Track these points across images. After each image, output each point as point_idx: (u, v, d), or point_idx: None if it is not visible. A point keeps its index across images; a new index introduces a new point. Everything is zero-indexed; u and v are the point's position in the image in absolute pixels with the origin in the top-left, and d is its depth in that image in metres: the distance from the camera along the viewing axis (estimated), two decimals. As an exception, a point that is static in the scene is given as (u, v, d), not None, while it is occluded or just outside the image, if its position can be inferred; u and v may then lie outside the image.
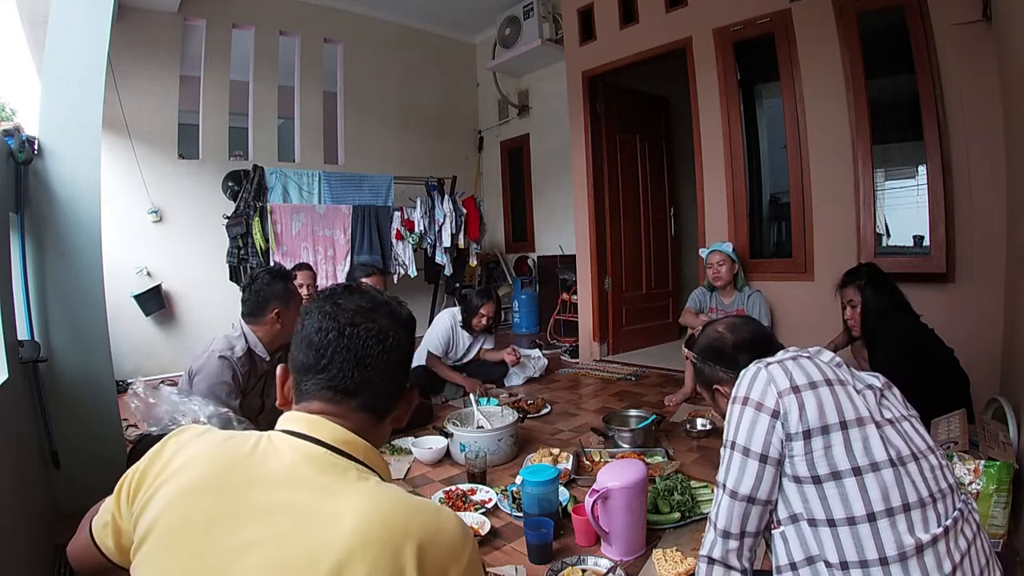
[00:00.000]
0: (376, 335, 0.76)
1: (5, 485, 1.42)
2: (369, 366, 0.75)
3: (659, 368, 4.11)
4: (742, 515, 0.96)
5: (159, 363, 4.43)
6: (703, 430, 2.60)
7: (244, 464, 0.67)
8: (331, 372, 0.74)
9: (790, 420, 0.93)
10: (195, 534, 0.63)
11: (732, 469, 0.97)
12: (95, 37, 2.07)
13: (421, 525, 0.63)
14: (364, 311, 0.78)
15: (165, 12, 4.52)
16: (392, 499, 0.65)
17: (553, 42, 5.22)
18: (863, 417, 0.93)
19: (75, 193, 2.05)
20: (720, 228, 3.74)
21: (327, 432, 0.71)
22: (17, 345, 1.74)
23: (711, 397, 1.24)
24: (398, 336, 0.79)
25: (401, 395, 0.82)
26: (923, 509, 0.88)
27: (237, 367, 1.90)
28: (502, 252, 6.57)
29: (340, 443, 0.70)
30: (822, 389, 0.95)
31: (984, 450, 1.66)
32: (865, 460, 0.89)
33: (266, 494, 0.64)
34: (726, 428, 1.02)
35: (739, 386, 1.02)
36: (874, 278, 2.34)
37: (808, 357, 1.03)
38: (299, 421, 0.72)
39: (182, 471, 0.68)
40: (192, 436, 0.73)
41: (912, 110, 2.82)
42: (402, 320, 0.81)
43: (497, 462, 2.33)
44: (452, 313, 3.54)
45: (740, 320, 1.27)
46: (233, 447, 0.70)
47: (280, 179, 4.53)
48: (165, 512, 0.65)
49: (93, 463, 2.03)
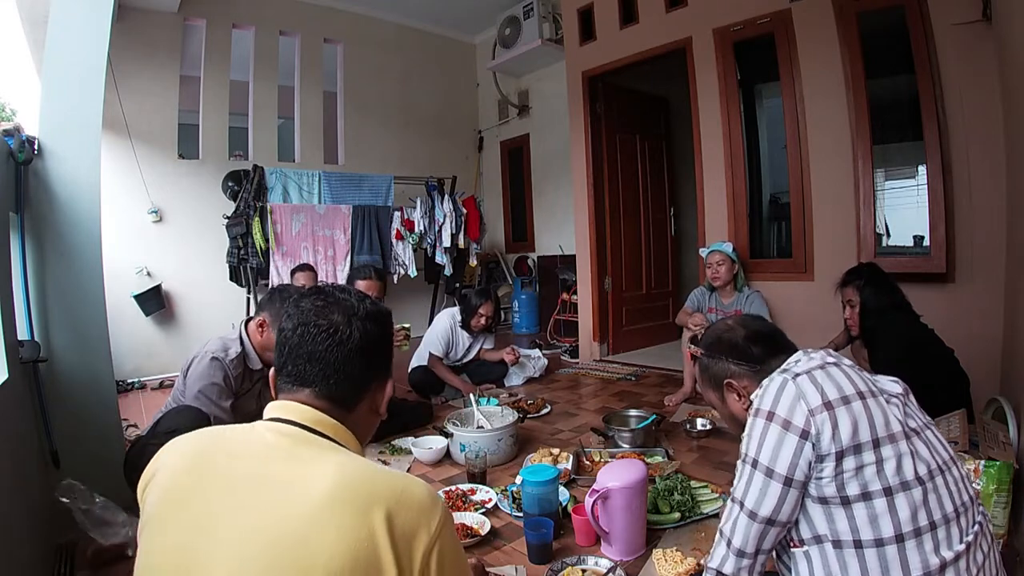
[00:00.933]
0: (326, 330, 0.80)
1: (5, 485, 1.42)
2: (320, 360, 0.79)
3: (659, 368, 4.11)
4: (759, 536, 0.93)
5: (159, 363, 4.44)
6: (703, 430, 2.60)
7: (222, 443, 0.74)
8: (288, 368, 0.81)
9: (822, 441, 0.88)
10: (182, 506, 0.68)
11: (752, 489, 0.93)
12: (95, 37, 2.07)
13: (387, 489, 0.67)
14: (317, 309, 0.82)
15: (165, 12, 4.53)
16: (359, 466, 0.70)
17: (553, 42, 5.23)
18: (895, 433, 0.89)
19: (75, 193, 2.05)
20: (720, 228, 3.74)
21: (297, 413, 0.77)
22: (17, 345, 1.74)
23: (720, 395, 1.15)
24: (350, 330, 0.81)
25: (367, 384, 0.84)
26: (947, 526, 0.86)
27: (229, 369, 1.89)
28: (502, 252, 6.57)
29: (310, 422, 0.76)
30: (855, 404, 0.90)
31: (984, 450, 1.66)
32: (896, 480, 0.86)
33: (243, 466, 0.70)
34: (746, 441, 0.96)
35: (763, 398, 0.97)
36: (874, 278, 2.34)
37: (835, 363, 0.98)
38: (273, 408, 0.79)
39: (171, 459, 0.74)
40: (182, 439, 0.78)
41: (912, 110, 2.82)
42: (360, 315, 0.83)
43: (497, 462, 2.33)
44: (452, 313, 3.54)
45: (748, 316, 1.22)
46: (214, 432, 0.78)
47: (280, 179, 4.53)
48: (158, 496, 0.71)
49: (93, 463, 2.03)
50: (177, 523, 0.67)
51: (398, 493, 0.67)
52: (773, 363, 1.06)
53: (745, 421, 1.07)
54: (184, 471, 0.71)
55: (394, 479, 0.70)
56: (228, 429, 0.77)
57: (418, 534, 0.66)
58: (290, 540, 0.62)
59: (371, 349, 0.84)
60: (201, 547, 0.64)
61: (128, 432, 2.65)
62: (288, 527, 0.62)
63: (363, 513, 0.63)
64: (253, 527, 0.63)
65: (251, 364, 1.99)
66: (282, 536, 0.62)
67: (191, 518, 0.67)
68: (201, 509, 0.67)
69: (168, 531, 0.68)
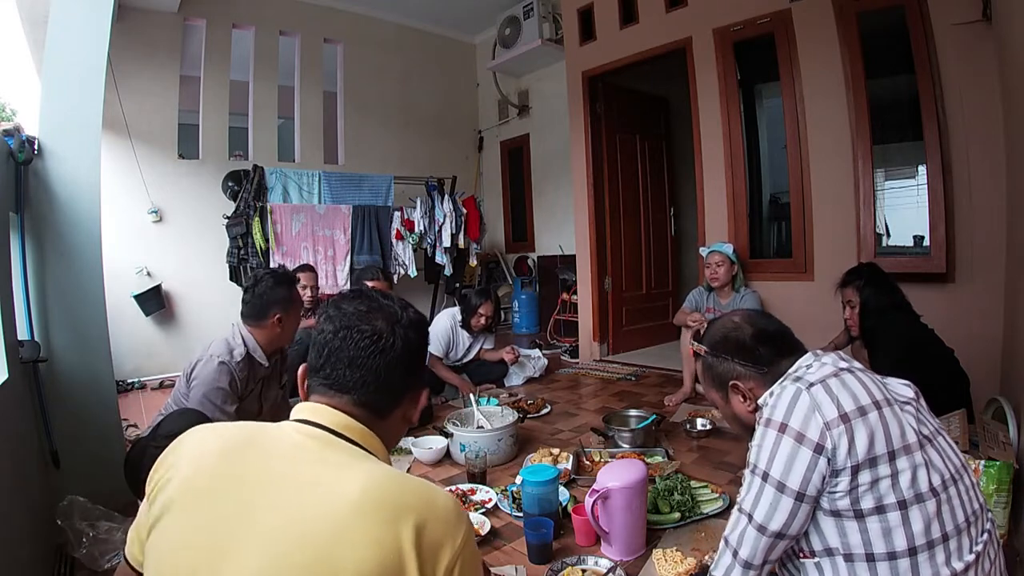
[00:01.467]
0: (369, 337, 0.79)
1: (5, 485, 1.42)
2: (361, 367, 0.78)
3: (659, 368, 4.11)
4: (768, 548, 0.91)
5: (159, 363, 4.43)
6: (703, 430, 2.60)
7: (252, 442, 0.72)
8: (326, 371, 0.79)
9: (838, 455, 0.86)
10: (213, 493, 0.67)
11: (762, 503, 0.90)
12: (95, 37, 2.07)
13: (416, 500, 0.67)
14: (360, 314, 0.81)
15: (165, 12, 4.52)
16: (388, 475, 0.69)
17: (553, 42, 5.22)
18: (910, 444, 0.87)
19: (75, 193, 2.05)
20: (720, 228, 3.74)
21: (327, 417, 0.76)
22: (17, 345, 1.74)
23: (723, 395, 1.10)
24: (393, 338, 0.80)
25: (404, 394, 0.83)
26: (959, 537, 0.86)
27: (236, 372, 1.87)
28: (502, 252, 6.57)
29: (339, 427, 0.75)
30: (872, 415, 0.88)
31: (984, 450, 1.66)
32: (911, 492, 0.85)
33: (274, 463, 0.69)
34: (756, 452, 0.93)
35: (775, 407, 0.93)
36: (874, 278, 2.34)
37: (848, 370, 0.94)
38: (303, 410, 0.78)
39: (196, 452, 0.72)
40: (207, 427, 0.77)
41: (912, 110, 2.82)
42: (403, 322, 0.83)
43: (497, 462, 2.33)
44: (451, 313, 3.54)
45: (756, 312, 1.16)
46: (244, 427, 0.76)
47: (280, 179, 4.53)
48: (182, 486, 0.69)
49: (93, 463, 2.03)
50: (208, 508, 0.66)
51: (426, 505, 0.67)
52: (782, 364, 1.03)
53: (749, 423, 1.04)
54: (215, 459, 0.70)
55: (422, 490, 0.69)
56: (257, 425, 0.76)
57: (444, 547, 0.66)
58: (320, 541, 0.62)
59: (411, 358, 0.83)
60: (236, 532, 0.64)
61: (128, 432, 2.65)
62: (317, 527, 0.62)
63: (391, 523, 0.63)
64: (283, 524, 0.63)
65: (260, 359, 1.98)
66: (312, 535, 0.62)
67: (223, 506, 0.66)
68: (234, 497, 0.66)
69: (200, 513, 0.67)
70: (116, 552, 1.67)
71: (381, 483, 0.67)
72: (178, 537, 0.67)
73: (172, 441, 0.76)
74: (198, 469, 0.70)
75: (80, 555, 1.66)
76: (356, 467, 0.69)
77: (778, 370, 1.02)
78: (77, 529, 1.70)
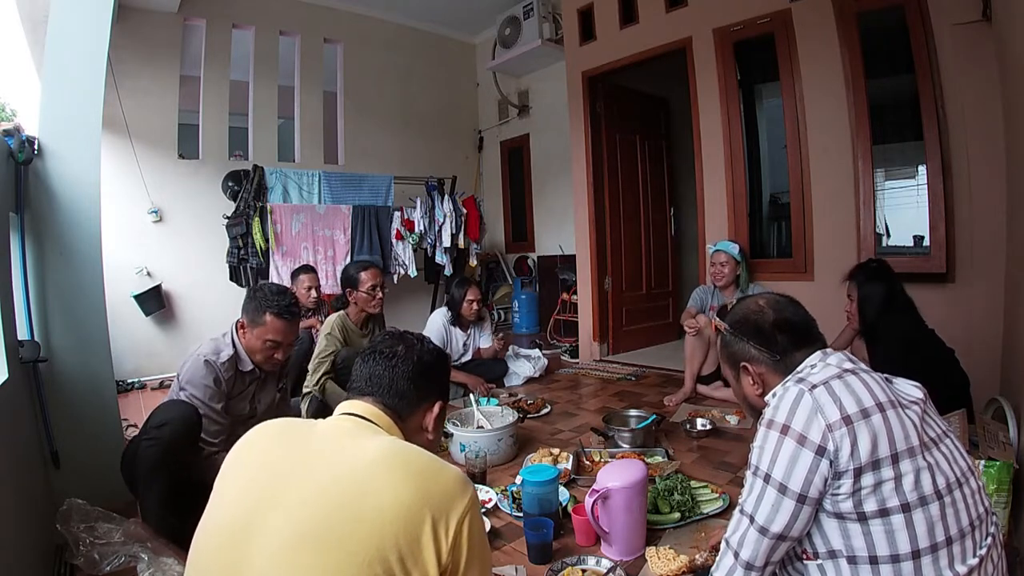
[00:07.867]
0: (385, 357, 1.06)
1: (5, 485, 1.42)
2: (378, 378, 1.05)
3: (659, 368, 4.11)
4: (769, 550, 0.91)
5: (159, 363, 4.43)
6: (703, 430, 2.60)
7: (297, 426, 0.96)
8: (358, 382, 1.07)
9: (840, 457, 0.85)
10: (261, 458, 0.90)
11: (764, 505, 0.90)
12: (95, 37, 2.07)
13: (426, 466, 0.84)
14: (386, 341, 1.11)
15: (165, 12, 4.52)
16: (403, 444, 0.90)
17: (553, 42, 5.22)
18: (914, 447, 0.87)
19: (75, 193, 2.05)
20: (720, 228, 3.74)
21: (362, 409, 1.00)
22: (17, 345, 1.74)
23: (735, 374, 1.13)
24: (405, 357, 1.06)
25: (418, 404, 1.06)
26: (963, 540, 0.86)
27: (220, 372, 1.88)
28: (502, 252, 6.57)
29: (371, 416, 0.99)
30: (875, 417, 0.87)
31: (984, 450, 1.66)
32: (915, 495, 0.84)
33: (321, 438, 0.91)
34: (757, 453, 0.94)
35: (777, 408, 0.93)
36: (876, 275, 2.35)
37: (853, 371, 0.94)
38: (344, 406, 1.02)
39: (255, 434, 0.96)
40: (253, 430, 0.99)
41: (912, 110, 2.82)
42: (416, 349, 1.09)
43: (497, 462, 2.33)
44: (442, 313, 3.55)
45: (784, 298, 1.13)
46: (288, 421, 0.99)
47: (280, 179, 4.53)
48: (241, 449, 0.94)
49: (93, 463, 2.03)
50: (264, 461, 0.88)
51: (434, 472, 0.83)
52: (796, 355, 1.03)
53: (756, 405, 1.07)
54: (271, 434, 0.94)
55: (430, 459, 0.87)
56: (299, 419, 1.01)
57: (454, 503, 0.81)
58: (346, 483, 0.80)
59: (420, 376, 1.06)
60: (295, 471, 0.84)
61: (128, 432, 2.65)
62: (345, 471, 0.82)
63: (403, 480, 0.80)
64: (320, 475, 0.82)
65: (242, 366, 1.96)
66: (342, 478, 0.81)
67: (275, 460, 0.88)
68: (299, 448, 0.88)
69: (258, 462, 0.89)
70: (116, 555, 1.66)
71: (394, 448, 0.86)
72: (242, 473, 0.90)
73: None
74: (251, 443, 0.94)
75: (79, 562, 1.65)
76: (376, 439, 0.90)
77: (791, 360, 1.03)
78: (75, 535, 1.69)
